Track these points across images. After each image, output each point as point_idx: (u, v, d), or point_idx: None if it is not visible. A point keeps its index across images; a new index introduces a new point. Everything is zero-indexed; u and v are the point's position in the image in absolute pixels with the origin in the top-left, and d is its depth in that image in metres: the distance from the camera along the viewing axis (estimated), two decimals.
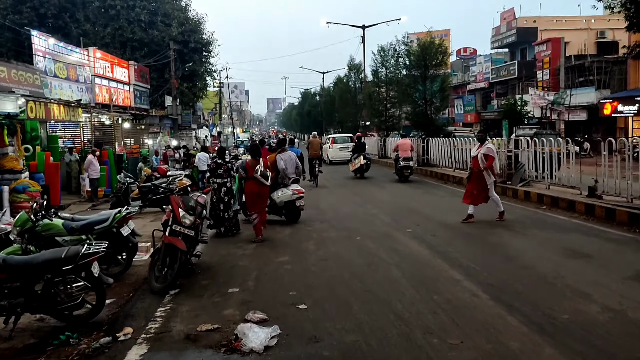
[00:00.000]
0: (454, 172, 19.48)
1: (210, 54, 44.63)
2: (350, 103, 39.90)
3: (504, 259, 7.49)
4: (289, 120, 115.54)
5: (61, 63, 23.63)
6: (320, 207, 13.57)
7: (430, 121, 22.90)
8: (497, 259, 7.55)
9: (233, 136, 64.86)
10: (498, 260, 7.47)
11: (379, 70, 30.86)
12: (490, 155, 10.48)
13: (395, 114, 31.14)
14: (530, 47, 46.40)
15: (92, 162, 18.00)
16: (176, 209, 6.86)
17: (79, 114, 21.37)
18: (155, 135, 33.61)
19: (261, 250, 8.80)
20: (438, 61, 22.84)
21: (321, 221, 11.42)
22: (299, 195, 11.11)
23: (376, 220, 11.28)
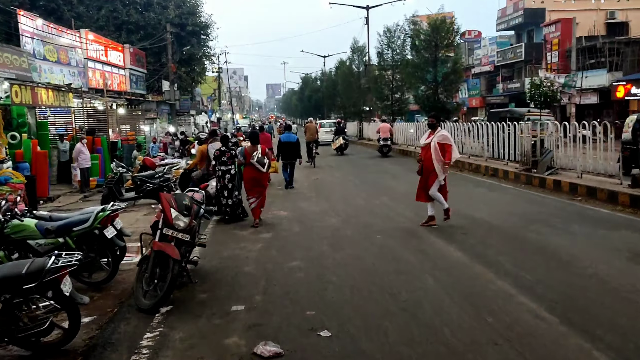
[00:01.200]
0: (469, 159, 18.31)
1: (209, 37, 43.22)
2: (354, 87, 38.55)
3: (557, 265, 6.33)
4: (288, 106, 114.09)
5: (51, 45, 22.32)
6: (328, 196, 12.46)
7: (441, 105, 21.66)
8: (548, 264, 6.39)
9: (232, 122, 63.52)
10: (550, 265, 6.31)
11: (384, 52, 29.51)
12: (447, 144, 8.74)
13: (401, 98, 29.86)
14: (538, 29, 44.91)
15: (82, 150, 16.83)
16: (167, 209, 5.69)
17: (69, 99, 20.14)
18: (152, 122, 32.35)
19: (268, 252, 7.66)
20: (449, 41, 21.54)
21: (332, 214, 10.30)
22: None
23: (393, 213, 10.15)
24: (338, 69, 44.87)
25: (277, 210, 11.20)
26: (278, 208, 11.58)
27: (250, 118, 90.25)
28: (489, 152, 17.36)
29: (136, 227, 10.55)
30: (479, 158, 18.01)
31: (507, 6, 49.86)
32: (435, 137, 8.83)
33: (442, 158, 8.74)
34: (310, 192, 14.21)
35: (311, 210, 11.09)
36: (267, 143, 15.62)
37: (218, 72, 65.45)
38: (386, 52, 29.29)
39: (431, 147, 8.76)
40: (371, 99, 35.96)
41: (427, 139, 9.04)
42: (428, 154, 8.84)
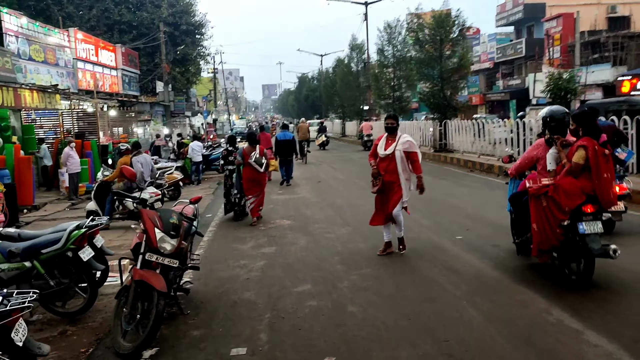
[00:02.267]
0: (479, 159, 17.33)
1: (203, 36, 42.23)
2: (352, 86, 37.52)
3: (623, 286, 5.30)
4: (285, 106, 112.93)
5: (37, 45, 21.25)
6: (333, 201, 11.46)
7: (447, 102, 20.66)
8: (611, 287, 5.33)
9: (229, 123, 62.43)
10: (615, 289, 5.27)
11: (385, 48, 28.50)
12: (414, 152, 7.11)
13: (403, 95, 28.86)
14: (539, 24, 44.02)
15: (70, 154, 15.80)
16: (151, 229, 4.66)
17: (56, 100, 19.11)
18: (146, 124, 31.29)
19: (272, 272, 6.64)
20: (455, 36, 20.54)
21: (340, 223, 9.30)
22: (156, 197, 9.88)
23: (413, 223, 9.13)
24: (336, 68, 43.84)
25: (279, 219, 10.19)
26: (280, 216, 10.57)
27: (246, 119, 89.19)
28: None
29: (124, 239, 9.55)
30: (490, 157, 17.02)
31: (506, 1, 48.94)
32: (398, 144, 7.08)
33: (411, 170, 7.15)
34: (313, 195, 13.22)
35: (316, 218, 10.08)
36: (267, 143, 16.56)
37: (214, 72, 64.40)
38: (387, 49, 28.28)
39: (396, 157, 7.03)
40: (371, 97, 34.97)
41: (387, 147, 7.14)
42: (391, 166, 7.08)
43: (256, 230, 9.29)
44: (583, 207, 5.15)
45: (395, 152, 7.05)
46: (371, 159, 7.35)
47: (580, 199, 5.14)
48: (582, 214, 5.14)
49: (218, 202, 13.39)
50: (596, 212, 5.18)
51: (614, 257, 5.03)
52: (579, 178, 5.21)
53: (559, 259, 5.52)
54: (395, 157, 7.05)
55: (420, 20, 20.67)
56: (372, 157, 7.38)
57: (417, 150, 7.20)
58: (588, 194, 5.17)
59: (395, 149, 7.06)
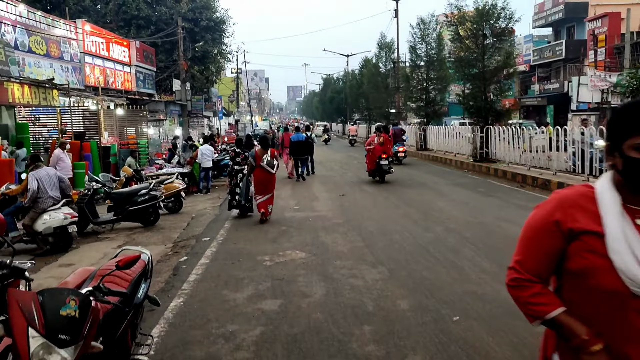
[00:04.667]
0: (529, 171, 14.87)
1: (224, 33, 40.27)
2: (380, 87, 35.13)
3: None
4: (309, 107, 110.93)
5: (38, 36, 19.47)
6: (360, 223, 9.21)
7: (489, 105, 18.22)
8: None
9: (251, 124, 60.49)
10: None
11: (417, 46, 26.10)
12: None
13: (436, 97, 26.42)
14: (580, 25, 41.21)
15: (61, 157, 13.91)
16: (20, 333, 2.48)
17: (53, 96, 17.19)
18: (159, 124, 29.43)
19: (268, 353, 4.42)
20: (501, 30, 18.08)
21: (370, 259, 7.03)
22: (72, 219, 9.21)
23: (467, 264, 6.82)
24: (364, 67, 41.42)
25: (291, 249, 7.97)
26: (293, 244, 8.35)
27: (269, 120, 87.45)
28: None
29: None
30: (543, 170, 14.53)
31: (545, 1, 46.04)
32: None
33: None
34: (335, 213, 10.98)
35: (339, 250, 7.82)
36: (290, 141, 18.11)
37: (236, 72, 62.58)
38: (420, 47, 25.88)
39: None
40: (400, 99, 32.58)
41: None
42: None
43: (259, 267, 7.08)
44: (382, 155, 14.94)
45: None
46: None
47: (380, 152, 14.97)
48: (380, 158, 14.98)
49: (222, 218, 11.27)
50: (387, 157, 15.07)
51: (390, 172, 15.47)
52: (381, 147, 14.93)
53: (372, 174, 15.49)
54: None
55: (461, 12, 18.22)
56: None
57: None
58: (383, 151, 14.96)
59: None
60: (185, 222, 11.51)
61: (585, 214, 1.78)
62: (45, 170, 9.39)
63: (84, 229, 11.10)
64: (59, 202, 9.24)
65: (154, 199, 11.28)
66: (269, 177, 10.55)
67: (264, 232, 9.48)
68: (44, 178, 9.12)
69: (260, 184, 10.53)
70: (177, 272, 7.20)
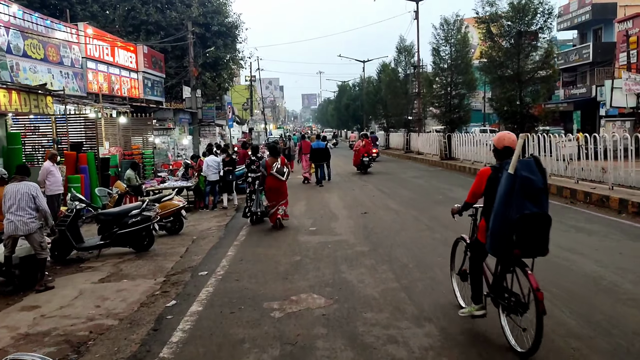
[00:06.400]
0: (577, 185, 13.03)
1: (237, 38, 38.84)
2: (400, 92, 33.37)
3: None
4: (324, 115, 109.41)
5: (35, 39, 18.10)
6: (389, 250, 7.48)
7: (525, 110, 16.40)
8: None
9: (265, 133, 59.01)
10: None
11: (441, 48, 24.35)
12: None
13: (461, 103, 24.61)
14: (607, 27, 39.24)
15: (51, 170, 12.45)
16: None
17: (47, 104, 15.76)
18: (168, 132, 27.97)
19: None
20: (539, 26, 16.29)
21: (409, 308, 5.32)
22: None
23: (552, 323, 5.09)
24: (382, 72, 39.71)
25: (307, 291, 6.27)
26: (309, 283, 6.65)
27: (284, 129, 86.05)
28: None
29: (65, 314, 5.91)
30: (598, 185, 12.67)
31: (570, 2, 44.01)
32: None
33: None
34: (358, 238, 9.27)
35: (367, 295, 6.09)
36: (308, 148, 19.71)
37: (250, 80, 61.29)
38: (443, 49, 24.12)
39: None
40: (420, 105, 30.82)
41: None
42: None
43: (265, 321, 5.39)
44: (364, 154, 21.37)
45: None
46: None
47: (363, 152, 21.47)
48: (363, 156, 21.38)
49: (226, 242, 9.63)
50: (368, 156, 21.60)
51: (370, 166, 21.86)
52: (364, 148, 21.55)
53: (357, 167, 21.85)
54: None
55: (493, 8, 16.46)
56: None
57: None
58: (366, 151, 21.53)
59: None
60: (184, 246, 9.91)
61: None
62: (17, 186, 7.70)
63: (67, 255, 9.57)
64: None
65: (146, 220, 9.69)
66: (280, 184, 10.82)
67: (274, 264, 7.80)
68: (8, 194, 7.50)
69: (273, 192, 10.78)
70: (160, 326, 5.55)
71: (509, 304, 4.44)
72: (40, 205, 7.62)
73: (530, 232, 4.18)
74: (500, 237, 4.29)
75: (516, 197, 4.16)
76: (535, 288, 4.14)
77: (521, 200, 4.15)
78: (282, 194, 10.87)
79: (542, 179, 4.25)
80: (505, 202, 4.23)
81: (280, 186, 10.80)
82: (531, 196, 4.17)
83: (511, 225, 4.17)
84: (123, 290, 7.22)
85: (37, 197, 7.60)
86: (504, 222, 4.22)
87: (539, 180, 4.20)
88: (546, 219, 4.22)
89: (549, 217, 4.24)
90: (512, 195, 4.18)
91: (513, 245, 4.21)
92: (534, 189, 4.18)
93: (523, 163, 4.24)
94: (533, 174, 4.20)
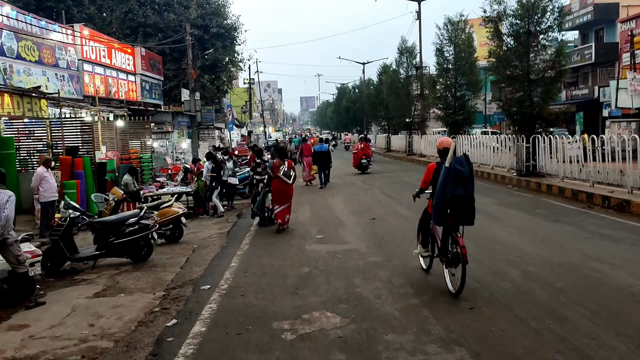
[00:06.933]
0: (593, 188, 12.52)
1: (236, 40, 38.36)
2: (402, 94, 32.86)
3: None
4: (323, 118, 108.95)
5: (29, 41, 17.60)
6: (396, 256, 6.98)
7: (537, 111, 15.91)
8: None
9: (264, 136, 58.49)
10: None
11: (445, 48, 23.87)
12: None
13: (466, 103, 24.12)
14: (609, 27, 38.85)
15: (44, 176, 11.91)
16: None
17: (41, 107, 15.26)
18: (166, 136, 27.43)
19: None
20: (550, 24, 15.82)
21: (433, 330, 4.81)
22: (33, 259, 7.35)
23: (579, 336, 4.59)
24: (382, 75, 39.18)
25: (319, 309, 5.72)
26: (321, 298, 6.11)
27: (283, 131, 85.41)
28: None
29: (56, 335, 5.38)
30: (615, 188, 12.15)
31: (571, 3, 43.61)
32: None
33: None
34: (369, 246, 8.75)
35: (386, 312, 5.54)
36: (309, 151, 20.04)
37: (249, 83, 60.80)
38: (447, 49, 23.64)
39: None
40: (423, 107, 30.33)
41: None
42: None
43: (275, 344, 4.87)
44: (362, 157, 22.60)
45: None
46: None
47: (362, 154, 22.65)
48: (361, 158, 22.66)
49: (229, 252, 9.11)
50: (366, 158, 22.75)
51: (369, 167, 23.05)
52: (362, 150, 22.82)
53: (357, 168, 22.91)
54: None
55: (501, 6, 15.96)
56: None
57: None
58: (364, 154, 22.69)
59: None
60: (184, 256, 9.39)
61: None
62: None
63: (61, 266, 9.05)
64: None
65: (144, 229, 9.17)
66: (286, 187, 10.81)
67: (282, 276, 7.28)
68: None
69: (278, 194, 10.79)
70: (159, 350, 5.03)
71: (449, 259, 6.00)
72: (4, 213, 6.83)
73: (459, 208, 5.86)
74: (440, 211, 5.97)
75: (450, 183, 5.82)
76: (462, 246, 5.74)
77: (453, 185, 5.81)
78: (288, 197, 10.87)
79: (469, 170, 5.91)
80: (442, 187, 5.87)
81: (286, 189, 10.82)
82: (460, 182, 5.83)
83: (446, 203, 5.84)
84: (119, 306, 6.70)
85: (5, 207, 6.82)
86: (442, 201, 5.89)
87: (466, 171, 5.87)
88: (470, 199, 5.89)
89: (472, 197, 5.91)
90: (447, 181, 5.82)
91: (448, 217, 5.90)
92: (463, 178, 5.84)
93: (456, 159, 5.92)
94: (462, 166, 5.87)
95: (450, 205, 5.82)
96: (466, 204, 5.83)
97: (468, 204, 5.84)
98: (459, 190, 5.80)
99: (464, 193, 5.80)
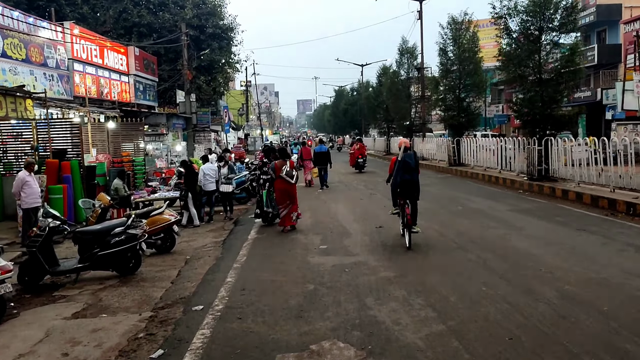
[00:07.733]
0: (614, 194, 11.74)
1: (232, 41, 37.55)
2: (402, 96, 32.08)
3: None
4: (320, 121, 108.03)
5: (15, 39, 16.76)
6: (409, 271, 6.17)
7: (550, 112, 15.14)
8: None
9: (261, 139, 57.66)
10: None
11: (448, 48, 23.12)
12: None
13: (470, 105, 23.36)
14: (612, 29, 38.21)
15: (27, 182, 11.09)
16: None
17: (26, 107, 14.41)
18: (161, 138, 26.57)
19: None
20: (562, 21, 15.07)
21: None
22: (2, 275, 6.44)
23: None
24: (382, 76, 38.40)
25: (329, 337, 4.91)
26: (330, 323, 5.30)
27: (280, 134, 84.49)
28: None
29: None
30: (628, 193, 11.37)
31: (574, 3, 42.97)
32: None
33: None
34: (380, 262, 7.92)
35: (408, 341, 4.73)
36: (308, 154, 20.52)
37: (246, 85, 60.02)
38: (451, 49, 22.87)
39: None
40: (425, 108, 29.57)
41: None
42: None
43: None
44: (358, 156, 23.99)
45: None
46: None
47: (358, 154, 23.98)
48: (357, 157, 23.85)
49: (225, 265, 8.27)
50: (362, 157, 24.10)
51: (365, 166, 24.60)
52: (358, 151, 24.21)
53: (354, 167, 24.50)
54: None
55: (512, 2, 15.20)
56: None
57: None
58: (360, 154, 24.10)
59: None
60: (176, 268, 8.56)
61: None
62: None
63: (40, 280, 8.20)
64: None
65: (132, 239, 8.34)
66: (289, 187, 10.96)
67: (284, 295, 6.45)
68: None
69: (282, 194, 10.89)
70: None
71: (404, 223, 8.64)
72: None
73: (405, 188, 8.76)
74: (394, 190, 9.01)
75: (400, 171, 8.71)
76: (408, 213, 8.50)
77: (402, 173, 8.70)
78: (292, 197, 10.95)
79: (415, 163, 8.87)
80: (396, 173, 8.78)
81: (289, 189, 10.94)
82: (407, 171, 8.71)
83: (397, 184, 8.78)
84: (100, 329, 5.87)
85: None
86: (395, 183, 8.86)
87: (412, 163, 8.78)
88: (414, 183, 8.79)
89: (416, 182, 8.82)
90: (399, 170, 8.69)
91: (399, 194, 8.83)
92: (410, 167, 8.73)
93: (407, 154, 8.83)
94: (410, 159, 8.81)
95: (400, 187, 8.72)
96: (411, 186, 8.71)
97: (412, 186, 8.71)
98: (405, 176, 8.68)
99: (409, 179, 8.69)
